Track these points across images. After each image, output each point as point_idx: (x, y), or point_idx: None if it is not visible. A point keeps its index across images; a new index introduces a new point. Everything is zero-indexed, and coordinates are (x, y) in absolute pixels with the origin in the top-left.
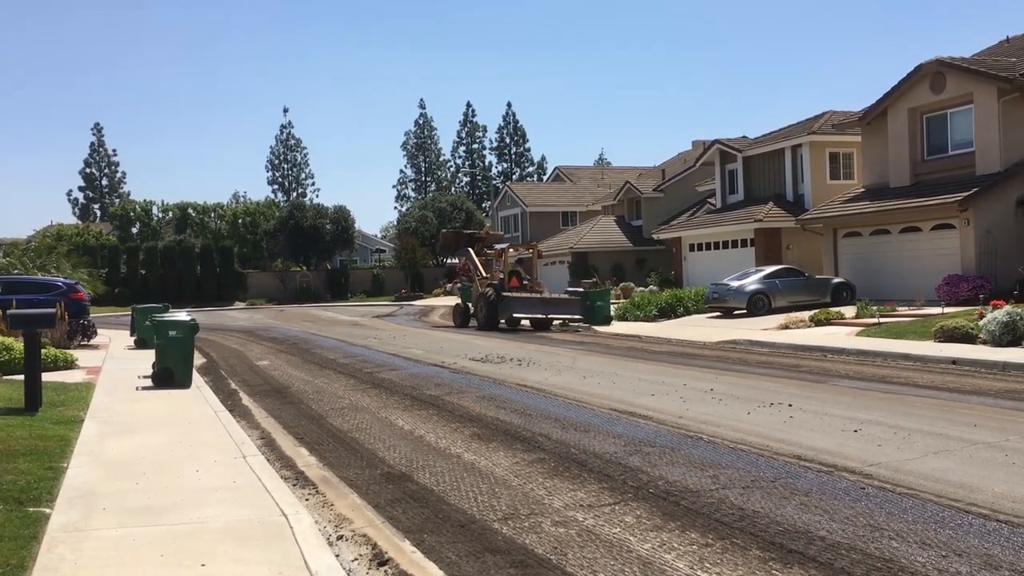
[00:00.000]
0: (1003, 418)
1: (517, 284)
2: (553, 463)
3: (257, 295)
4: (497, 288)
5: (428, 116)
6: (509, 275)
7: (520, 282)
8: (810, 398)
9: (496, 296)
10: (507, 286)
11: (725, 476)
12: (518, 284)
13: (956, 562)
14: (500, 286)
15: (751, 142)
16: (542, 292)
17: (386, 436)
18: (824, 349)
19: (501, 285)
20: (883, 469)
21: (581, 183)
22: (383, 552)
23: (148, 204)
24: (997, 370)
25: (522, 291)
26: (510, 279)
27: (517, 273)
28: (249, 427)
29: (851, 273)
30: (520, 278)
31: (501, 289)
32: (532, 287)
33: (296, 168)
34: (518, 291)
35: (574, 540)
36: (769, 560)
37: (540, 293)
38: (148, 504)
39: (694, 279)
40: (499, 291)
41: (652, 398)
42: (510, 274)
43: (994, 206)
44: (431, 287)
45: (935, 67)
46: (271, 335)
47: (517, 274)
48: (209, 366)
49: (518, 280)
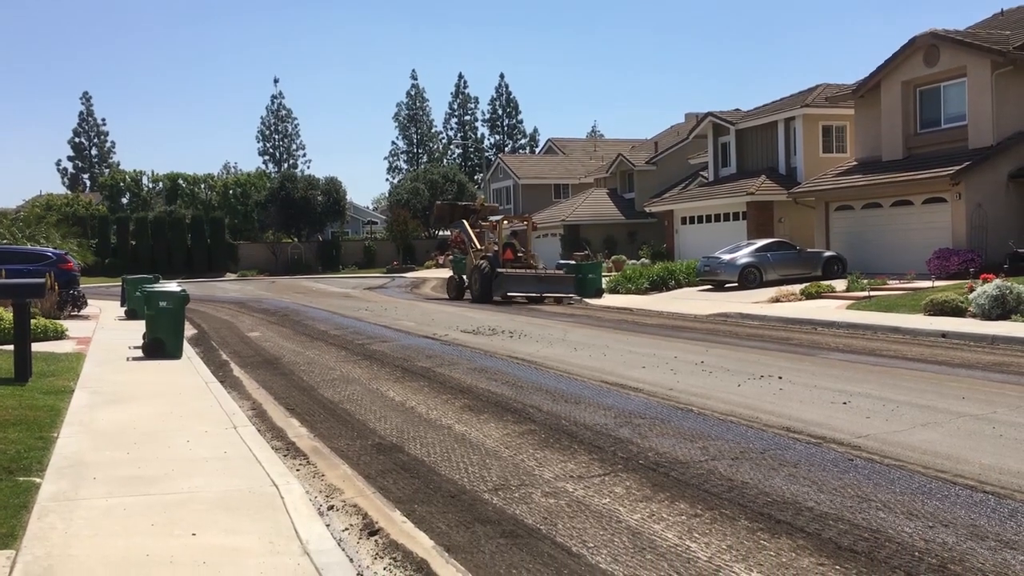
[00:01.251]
0: (991, 391)
1: (511, 257)
2: (544, 434)
3: (248, 266)
4: (491, 261)
5: (420, 87)
6: (503, 247)
7: (515, 255)
8: (800, 370)
9: (490, 269)
10: (501, 259)
11: (714, 447)
12: (512, 257)
13: (942, 532)
14: (494, 259)
15: (744, 115)
16: (537, 266)
17: (377, 407)
18: (814, 322)
19: (495, 258)
20: (871, 441)
21: (574, 155)
22: (374, 522)
23: (138, 174)
24: (986, 343)
25: (516, 264)
26: (504, 252)
27: (512, 246)
28: (240, 398)
29: (842, 247)
30: (515, 251)
31: (495, 262)
32: (527, 260)
33: (287, 139)
34: (512, 264)
35: (564, 510)
36: (757, 530)
37: (535, 267)
38: (138, 474)
39: (686, 252)
40: (493, 264)
41: (643, 370)
42: (504, 246)
43: (986, 180)
44: (423, 259)
45: (929, 40)
46: (262, 306)
47: (512, 246)
48: (200, 337)
49: (512, 253)
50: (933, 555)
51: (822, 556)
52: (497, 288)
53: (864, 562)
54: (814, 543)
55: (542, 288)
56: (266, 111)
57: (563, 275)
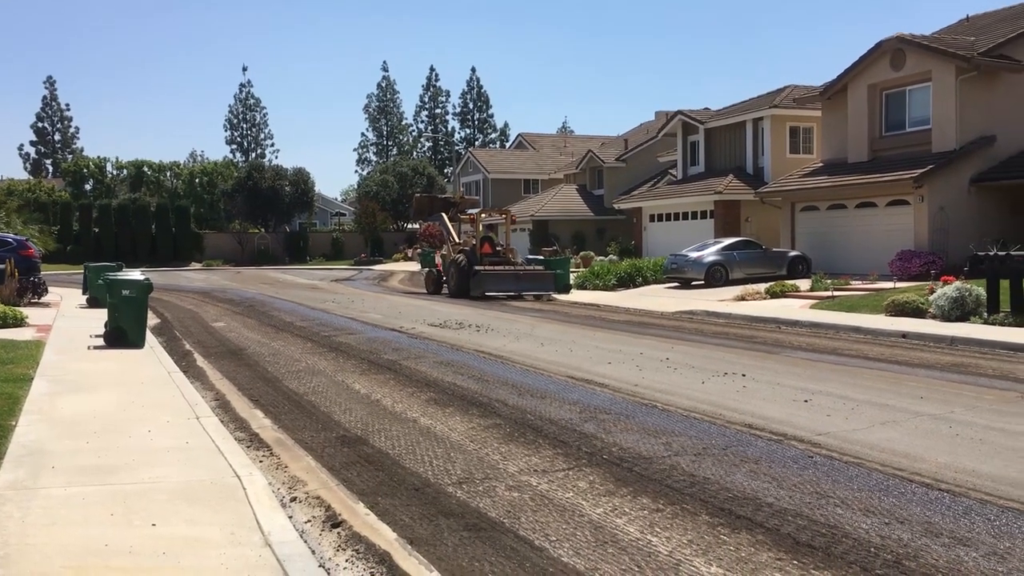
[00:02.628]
0: (949, 391)
1: (489, 251)
2: (509, 429)
3: (214, 256)
4: (469, 255)
5: (391, 79)
6: (481, 241)
7: (493, 248)
8: (763, 368)
9: (468, 264)
10: (479, 253)
11: (678, 443)
12: (490, 251)
13: (898, 529)
14: (472, 253)
15: (713, 114)
16: (515, 261)
17: (342, 399)
18: (779, 321)
19: (473, 252)
20: (831, 438)
21: (544, 151)
22: (337, 514)
23: (102, 161)
24: (945, 344)
25: (495, 258)
26: (482, 245)
27: (490, 239)
28: (203, 388)
29: (808, 247)
30: (493, 244)
31: (473, 256)
32: (505, 254)
33: (255, 128)
34: (491, 258)
35: (527, 504)
36: (718, 525)
37: (514, 263)
38: (98, 463)
39: (653, 249)
40: (471, 258)
41: (609, 366)
42: (482, 240)
43: (948, 183)
44: (391, 252)
45: (895, 44)
46: (227, 296)
47: (490, 240)
48: (163, 327)
49: (491, 246)
50: (889, 551)
51: (780, 551)
52: (475, 286)
53: (821, 557)
54: (773, 538)
55: (521, 286)
56: (234, 100)
57: (543, 272)
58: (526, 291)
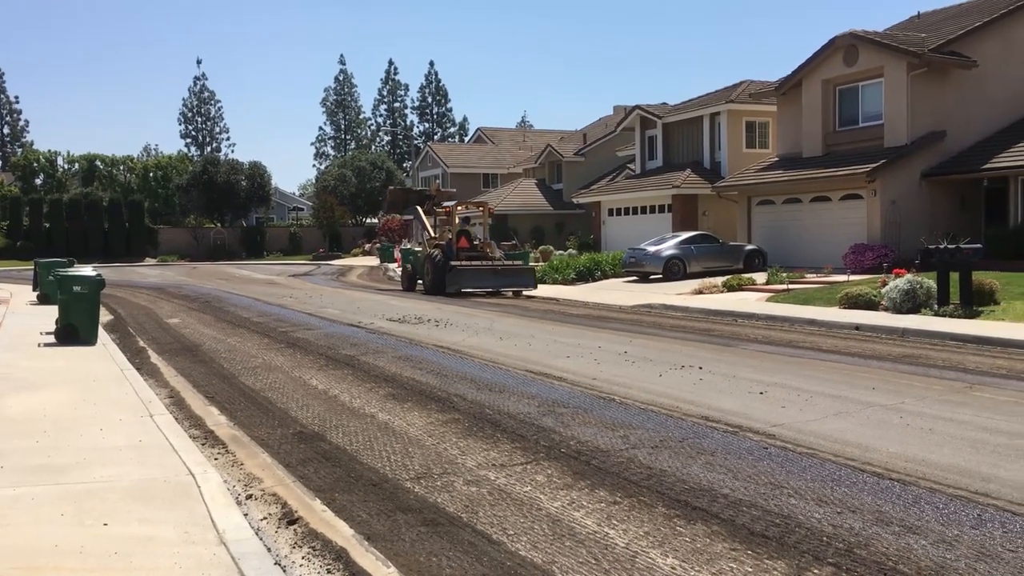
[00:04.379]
0: (900, 382)
1: (466, 245)
2: (467, 423)
3: (169, 251)
4: (445, 250)
5: (348, 73)
6: (458, 235)
7: (470, 243)
8: (720, 361)
9: (444, 259)
10: (455, 247)
11: (635, 436)
12: (467, 245)
13: (850, 518)
14: (448, 248)
15: (671, 109)
16: (493, 256)
17: (299, 395)
18: (735, 314)
19: (449, 247)
20: (786, 430)
21: (503, 145)
22: (293, 511)
23: (53, 155)
24: (897, 336)
25: (472, 253)
26: (459, 239)
27: (466, 233)
28: (157, 385)
29: (764, 240)
30: (470, 238)
31: (449, 251)
32: (483, 248)
33: (210, 122)
34: (467, 252)
35: (485, 499)
36: (674, 517)
37: (491, 257)
38: (48, 463)
39: (612, 243)
40: (447, 253)
41: (567, 360)
42: (459, 234)
43: (900, 178)
44: (350, 247)
45: (848, 40)
46: (182, 292)
47: (466, 234)
48: (116, 323)
49: (467, 240)
50: (840, 540)
51: (735, 541)
52: (452, 282)
53: (775, 547)
54: (728, 529)
55: (499, 282)
56: (188, 93)
57: (522, 267)
58: (505, 287)
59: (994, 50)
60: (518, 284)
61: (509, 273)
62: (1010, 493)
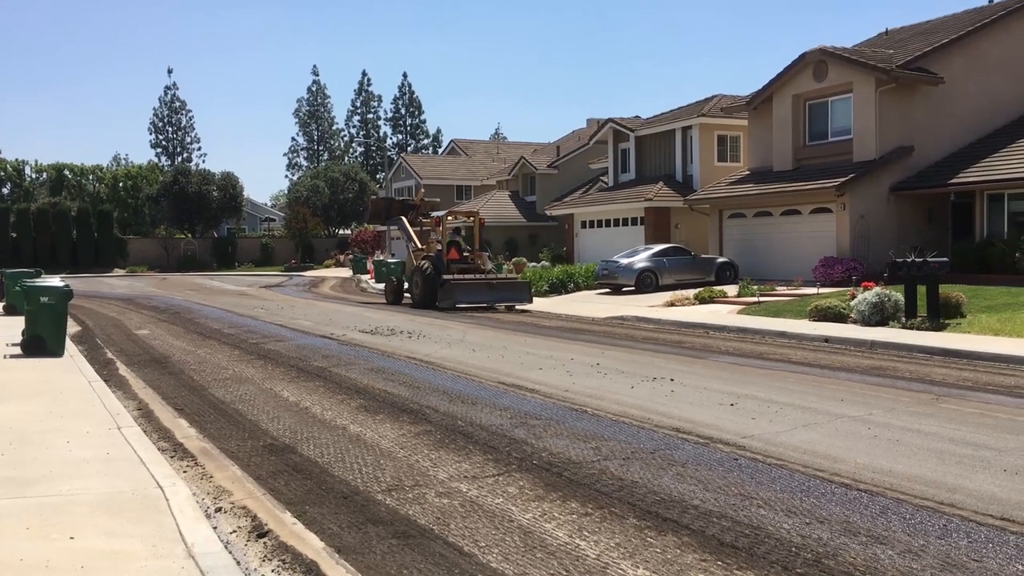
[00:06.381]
0: (868, 393)
1: (456, 256)
2: (439, 435)
3: (138, 262)
4: (435, 262)
5: (321, 83)
6: (448, 246)
7: (460, 254)
8: (691, 373)
9: (434, 271)
10: (445, 259)
11: (607, 448)
12: (458, 256)
13: (818, 528)
14: (438, 259)
15: (644, 122)
16: (485, 268)
17: (270, 408)
18: (707, 326)
19: (439, 258)
20: (756, 441)
21: (476, 157)
22: (263, 524)
23: (20, 164)
24: (865, 348)
25: (463, 265)
26: (449, 251)
27: (456, 244)
28: (126, 397)
29: (735, 253)
30: (460, 250)
31: (439, 263)
32: (474, 260)
33: (181, 131)
34: (458, 264)
35: (457, 511)
36: (645, 528)
37: (483, 270)
38: (13, 475)
39: (585, 256)
40: (437, 265)
41: (540, 372)
42: (448, 245)
43: (868, 192)
44: (322, 258)
45: (818, 56)
46: (152, 303)
47: (456, 245)
48: (84, 335)
49: (457, 252)
50: (809, 550)
51: (705, 552)
52: (444, 297)
53: (744, 557)
54: (698, 540)
55: (495, 297)
56: (159, 102)
57: (517, 280)
58: (501, 301)
59: (961, 67)
60: (514, 299)
61: (504, 287)
62: (975, 504)
